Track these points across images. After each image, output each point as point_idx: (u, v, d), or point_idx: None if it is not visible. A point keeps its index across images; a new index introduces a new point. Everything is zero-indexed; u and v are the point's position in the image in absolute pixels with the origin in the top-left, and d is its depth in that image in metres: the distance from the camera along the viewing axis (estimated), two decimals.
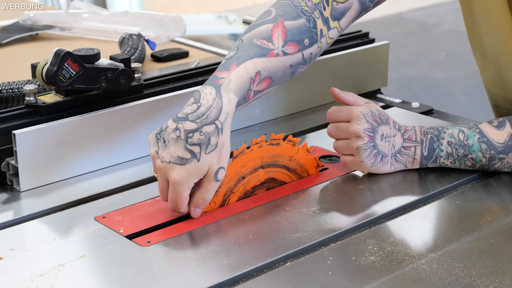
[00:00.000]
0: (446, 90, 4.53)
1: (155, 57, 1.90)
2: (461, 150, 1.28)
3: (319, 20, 1.29)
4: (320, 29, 1.29)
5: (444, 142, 1.29)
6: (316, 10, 1.29)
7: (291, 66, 1.26)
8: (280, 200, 1.23)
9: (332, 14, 1.31)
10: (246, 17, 1.55)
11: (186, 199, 1.16)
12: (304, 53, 1.27)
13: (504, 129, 1.29)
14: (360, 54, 1.66)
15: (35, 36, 2.05)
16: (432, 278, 1.03)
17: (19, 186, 1.27)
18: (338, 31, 1.33)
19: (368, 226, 1.17)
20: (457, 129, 1.30)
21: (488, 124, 1.30)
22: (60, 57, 1.29)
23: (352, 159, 1.28)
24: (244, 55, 1.21)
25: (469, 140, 1.28)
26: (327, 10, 1.30)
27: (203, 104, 1.16)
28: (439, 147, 1.29)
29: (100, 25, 2.01)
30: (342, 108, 1.30)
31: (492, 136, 1.28)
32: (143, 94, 1.41)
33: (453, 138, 1.29)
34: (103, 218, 1.18)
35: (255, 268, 1.06)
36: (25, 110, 1.31)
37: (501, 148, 1.28)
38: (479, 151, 1.28)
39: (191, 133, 1.14)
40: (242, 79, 1.20)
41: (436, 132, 1.30)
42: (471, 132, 1.29)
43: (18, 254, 1.09)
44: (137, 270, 1.06)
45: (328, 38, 1.31)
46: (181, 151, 1.14)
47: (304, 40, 1.27)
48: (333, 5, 1.31)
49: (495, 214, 1.21)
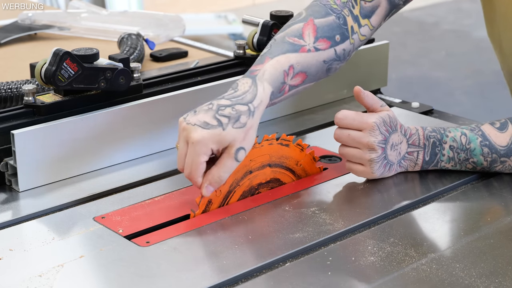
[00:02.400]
0: (446, 90, 4.53)
1: (154, 56, 1.89)
2: (462, 154, 1.28)
3: (349, 18, 1.33)
4: (351, 26, 1.33)
5: (446, 146, 1.28)
6: (345, 8, 1.33)
7: (324, 62, 1.31)
8: (280, 200, 1.23)
9: (362, 12, 1.35)
10: (245, 16, 1.55)
11: (202, 166, 1.15)
12: (336, 49, 1.31)
13: (507, 131, 1.28)
14: (360, 53, 1.66)
15: (34, 35, 2.04)
16: (432, 279, 1.03)
17: (17, 186, 1.27)
18: (370, 29, 1.36)
19: (368, 227, 1.16)
20: (460, 132, 1.28)
21: (490, 126, 1.29)
22: (59, 56, 1.28)
23: (363, 169, 1.27)
24: (277, 50, 1.26)
25: (471, 144, 1.27)
26: (356, 9, 1.35)
27: (239, 89, 1.20)
28: (441, 152, 1.28)
29: (99, 24, 2.01)
30: (354, 115, 1.26)
31: (495, 139, 1.27)
32: (142, 94, 1.40)
33: (455, 142, 1.28)
34: (102, 218, 1.18)
35: (255, 268, 1.05)
36: (24, 110, 1.31)
37: (503, 151, 1.27)
38: (480, 155, 1.27)
39: (223, 107, 1.17)
40: (276, 71, 1.24)
41: (439, 136, 1.28)
42: (473, 134, 1.28)
43: (17, 255, 1.09)
44: (136, 270, 1.05)
45: (361, 35, 1.34)
46: (208, 118, 1.16)
47: (335, 36, 1.31)
48: (361, 4, 1.35)
49: (496, 214, 1.21)
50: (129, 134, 1.37)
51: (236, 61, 1.55)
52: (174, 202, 1.23)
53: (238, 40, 1.57)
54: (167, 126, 1.41)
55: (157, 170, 1.34)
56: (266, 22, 1.51)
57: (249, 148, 1.18)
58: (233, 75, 1.51)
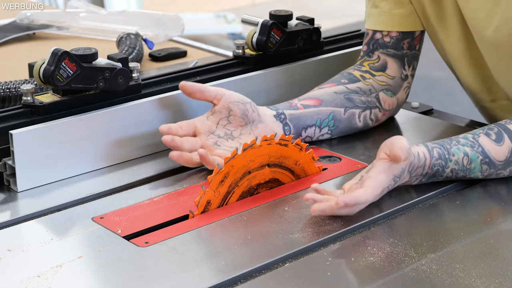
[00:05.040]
0: (446, 90, 4.52)
1: (153, 56, 1.89)
2: (461, 173, 1.25)
3: (356, 71, 1.46)
4: (360, 75, 1.45)
5: (447, 170, 1.24)
6: (354, 70, 1.48)
7: (336, 93, 1.43)
8: (279, 200, 1.23)
9: (372, 68, 1.47)
10: (244, 16, 1.55)
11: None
12: (347, 86, 1.44)
13: (504, 144, 1.26)
14: (359, 53, 1.65)
15: (32, 35, 2.04)
16: (432, 279, 1.03)
17: (16, 187, 1.26)
18: (388, 78, 1.47)
19: (367, 227, 1.16)
20: (462, 153, 1.24)
21: (487, 139, 1.26)
22: (58, 56, 1.28)
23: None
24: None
25: (472, 164, 1.25)
26: (365, 67, 1.48)
27: None
28: (440, 175, 1.25)
29: (98, 24, 2.01)
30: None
31: (494, 155, 1.25)
32: (141, 94, 1.40)
33: (457, 164, 1.24)
34: (101, 219, 1.18)
35: (254, 269, 1.05)
36: (22, 110, 1.30)
37: (501, 166, 1.26)
38: (479, 172, 1.26)
39: None
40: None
41: (443, 163, 1.23)
42: (474, 153, 1.25)
43: (15, 255, 1.09)
44: (135, 271, 1.05)
45: (378, 80, 1.46)
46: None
47: (341, 80, 1.46)
48: (369, 65, 1.47)
49: (495, 214, 1.21)
50: (128, 134, 1.37)
51: (235, 61, 1.55)
52: (173, 203, 1.23)
53: (237, 40, 1.57)
54: None
55: (156, 170, 1.34)
56: (265, 21, 1.51)
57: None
58: (232, 75, 1.50)
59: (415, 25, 1.46)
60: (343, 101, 1.42)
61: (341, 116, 1.42)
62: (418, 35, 1.48)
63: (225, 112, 1.33)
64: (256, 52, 1.54)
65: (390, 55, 1.46)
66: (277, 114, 1.37)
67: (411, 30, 1.46)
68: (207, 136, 1.32)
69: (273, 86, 1.54)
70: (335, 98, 1.41)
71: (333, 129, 1.42)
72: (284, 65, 1.55)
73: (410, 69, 1.48)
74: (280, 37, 1.51)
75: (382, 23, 1.46)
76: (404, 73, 1.47)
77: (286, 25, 1.53)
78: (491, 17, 1.34)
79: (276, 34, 1.51)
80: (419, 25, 1.47)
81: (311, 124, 1.39)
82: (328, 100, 1.41)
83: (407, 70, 1.48)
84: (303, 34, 1.55)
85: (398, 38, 1.46)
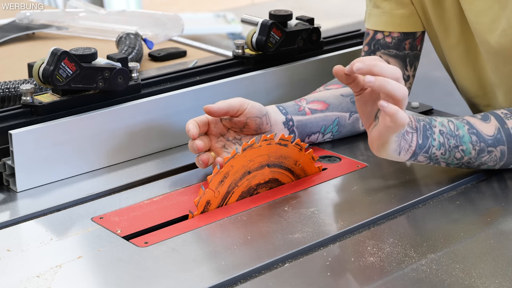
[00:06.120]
0: (446, 90, 4.52)
1: (153, 56, 1.89)
2: (452, 140, 1.26)
3: None
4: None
5: (436, 130, 1.25)
6: None
7: (342, 96, 1.43)
8: (279, 201, 1.23)
9: None
10: (244, 16, 1.55)
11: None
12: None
13: (490, 122, 1.27)
14: (359, 53, 1.65)
15: (32, 35, 2.04)
16: (432, 279, 1.03)
17: (15, 187, 1.26)
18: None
19: (367, 227, 1.16)
20: (446, 119, 1.27)
21: (473, 117, 1.28)
22: (57, 56, 1.28)
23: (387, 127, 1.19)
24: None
25: (459, 131, 1.26)
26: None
27: None
28: (431, 136, 1.25)
29: (97, 24, 2.01)
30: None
31: (481, 128, 1.26)
32: (141, 94, 1.40)
33: (444, 127, 1.25)
34: (100, 219, 1.18)
35: (254, 269, 1.05)
36: (22, 110, 1.30)
37: (491, 141, 1.26)
38: (469, 143, 1.26)
39: None
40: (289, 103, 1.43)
41: (427, 120, 1.25)
42: (459, 122, 1.27)
43: (14, 255, 1.09)
44: (134, 271, 1.05)
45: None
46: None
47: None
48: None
49: (495, 214, 1.21)
50: (128, 134, 1.37)
51: (235, 61, 1.55)
52: (172, 203, 1.22)
53: (237, 40, 1.57)
54: (165, 126, 1.41)
55: (156, 170, 1.34)
56: (265, 21, 1.51)
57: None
58: (232, 74, 1.50)
59: (416, 25, 1.46)
60: (348, 105, 1.43)
61: (345, 121, 1.43)
62: (419, 36, 1.48)
63: (240, 124, 1.33)
64: (255, 52, 1.54)
65: (392, 56, 1.46)
66: (286, 121, 1.37)
67: (413, 30, 1.46)
68: (217, 138, 1.33)
69: (273, 86, 1.54)
70: (341, 101, 1.42)
71: (336, 134, 1.43)
72: (284, 65, 1.55)
73: (412, 70, 1.48)
74: (280, 37, 1.51)
75: (384, 23, 1.46)
76: (406, 74, 1.47)
77: (286, 25, 1.53)
78: (497, 21, 1.34)
79: (276, 34, 1.51)
80: (420, 26, 1.47)
81: (316, 131, 1.41)
82: (334, 104, 1.42)
83: (409, 71, 1.48)
84: (303, 34, 1.55)
85: (399, 39, 1.46)
